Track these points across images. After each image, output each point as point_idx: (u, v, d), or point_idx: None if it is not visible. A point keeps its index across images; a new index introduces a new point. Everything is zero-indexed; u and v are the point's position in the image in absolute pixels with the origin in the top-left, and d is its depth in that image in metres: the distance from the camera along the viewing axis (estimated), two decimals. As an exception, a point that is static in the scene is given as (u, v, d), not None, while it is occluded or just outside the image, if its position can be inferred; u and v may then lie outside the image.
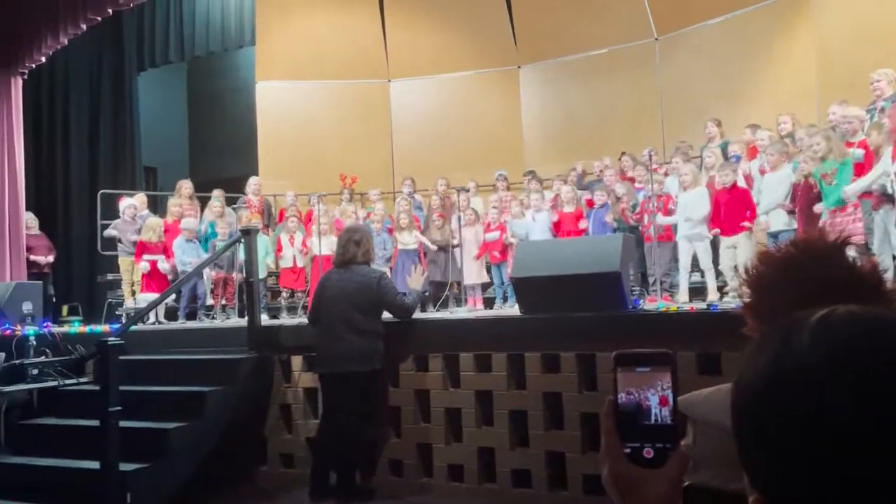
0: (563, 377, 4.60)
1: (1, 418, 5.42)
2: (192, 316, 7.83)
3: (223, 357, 5.57)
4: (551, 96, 10.63)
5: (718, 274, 6.25)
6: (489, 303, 7.66)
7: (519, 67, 10.82)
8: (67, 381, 5.72)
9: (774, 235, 5.83)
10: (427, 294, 5.98)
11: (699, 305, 5.35)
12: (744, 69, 8.71)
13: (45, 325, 6.94)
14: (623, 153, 8.33)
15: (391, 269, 7.77)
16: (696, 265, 6.41)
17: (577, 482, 4.46)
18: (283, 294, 8.29)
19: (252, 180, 9.20)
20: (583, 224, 7.26)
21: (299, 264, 8.05)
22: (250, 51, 11.81)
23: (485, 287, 7.87)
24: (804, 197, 5.63)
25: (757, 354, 0.65)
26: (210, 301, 7.96)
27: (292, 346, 5.43)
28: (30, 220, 9.08)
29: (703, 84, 9.04)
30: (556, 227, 7.42)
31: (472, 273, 7.52)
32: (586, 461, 4.42)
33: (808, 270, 1.00)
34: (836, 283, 0.94)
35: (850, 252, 1.06)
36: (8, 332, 6.62)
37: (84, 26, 8.44)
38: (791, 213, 5.79)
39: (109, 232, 8.39)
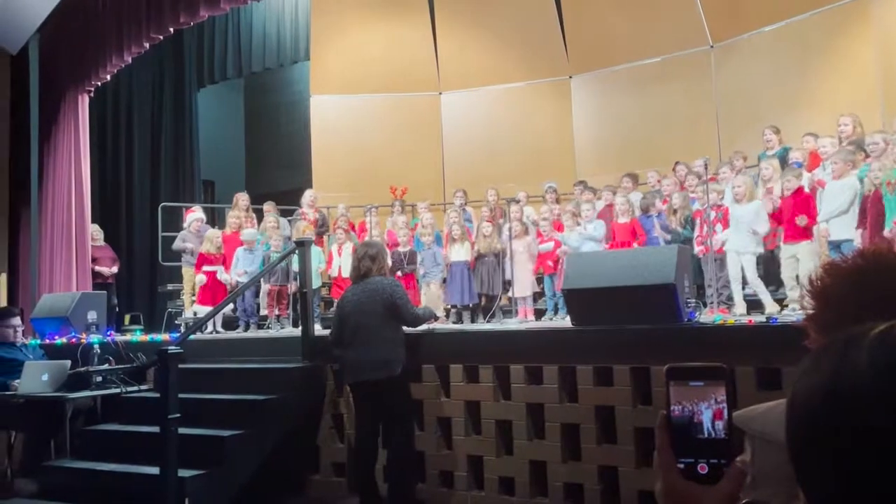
0: (616, 391, 4.52)
1: (66, 424, 5.61)
2: (247, 326, 7.99)
3: (278, 366, 5.67)
4: (603, 106, 10.53)
5: (779, 285, 6.07)
6: (540, 314, 7.61)
7: (570, 77, 10.76)
8: (129, 389, 5.89)
9: (836, 245, 5.64)
10: (438, 318, 6.01)
11: (758, 318, 5.20)
12: (802, 76, 8.48)
13: (108, 333, 7.18)
14: (677, 163, 8.18)
15: (444, 280, 7.79)
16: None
17: (632, 497, 4.38)
18: (335, 304, 8.37)
19: (307, 193, 9.36)
20: (637, 236, 7.15)
21: (344, 275, 8.13)
22: (305, 66, 12.05)
23: (536, 297, 7.82)
24: (874, 207, 5.42)
25: (813, 369, 0.63)
26: (265, 311, 8.11)
27: (345, 356, 5.48)
28: (95, 232, 9.41)
29: (761, 92, 8.83)
30: (611, 239, 7.32)
31: (523, 284, 7.48)
32: (640, 476, 4.34)
33: (875, 283, 0.96)
34: None
35: None
36: (74, 340, 6.87)
37: (147, 45, 8.75)
38: (860, 225, 5.57)
39: (181, 245, 8.55)
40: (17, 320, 6.39)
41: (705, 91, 9.52)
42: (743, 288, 6.19)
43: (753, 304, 6.22)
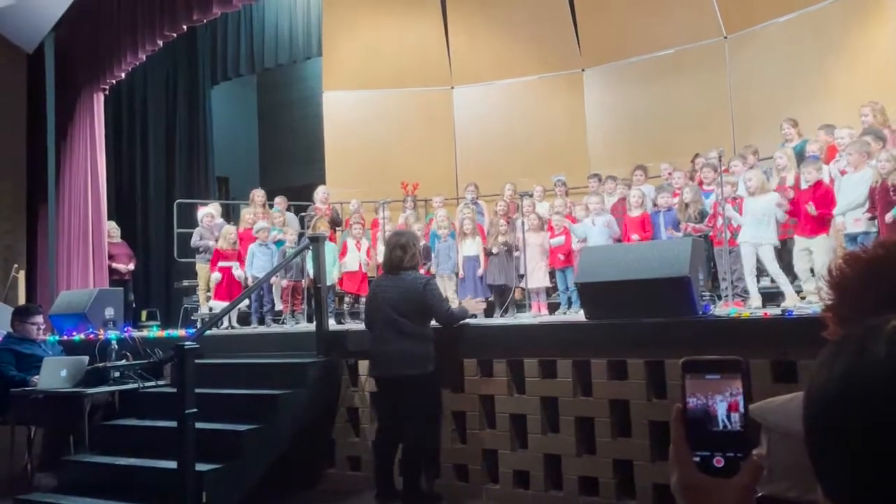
0: (631, 384, 4.52)
1: (85, 419, 5.67)
2: (262, 321, 8.04)
3: (293, 361, 5.70)
4: (616, 99, 10.47)
5: (794, 278, 6.02)
6: (553, 308, 7.60)
7: (583, 71, 10.71)
8: (147, 384, 5.95)
9: (853, 238, 5.58)
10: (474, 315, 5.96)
11: (773, 311, 5.17)
12: (818, 67, 8.38)
13: (125, 329, 7.24)
14: (697, 155, 8.12)
15: (457, 275, 7.80)
16: (763, 271, 6.20)
17: (647, 491, 4.37)
18: (347, 299, 8.42)
19: (320, 189, 9.40)
20: (649, 229, 7.12)
21: (363, 270, 8.16)
22: (317, 62, 12.07)
23: (549, 292, 7.81)
24: (882, 199, 5.37)
25: (831, 361, 0.63)
26: (280, 307, 8.16)
27: (359, 350, 5.51)
28: (112, 229, 9.49)
29: (776, 83, 8.74)
30: (623, 232, 7.30)
31: (537, 278, 7.47)
32: (655, 470, 4.33)
33: (895, 273, 0.96)
34: None
35: None
36: (92, 336, 6.95)
37: (160, 42, 8.81)
38: (872, 216, 5.53)
39: (199, 242, 8.59)
40: (39, 318, 6.48)
41: (719, 83, 9.44)
42: (758, 280, 6.14)
43: (768, 297, 6.18)
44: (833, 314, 1.03)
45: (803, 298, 5.77)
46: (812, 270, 5.74)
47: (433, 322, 5.00)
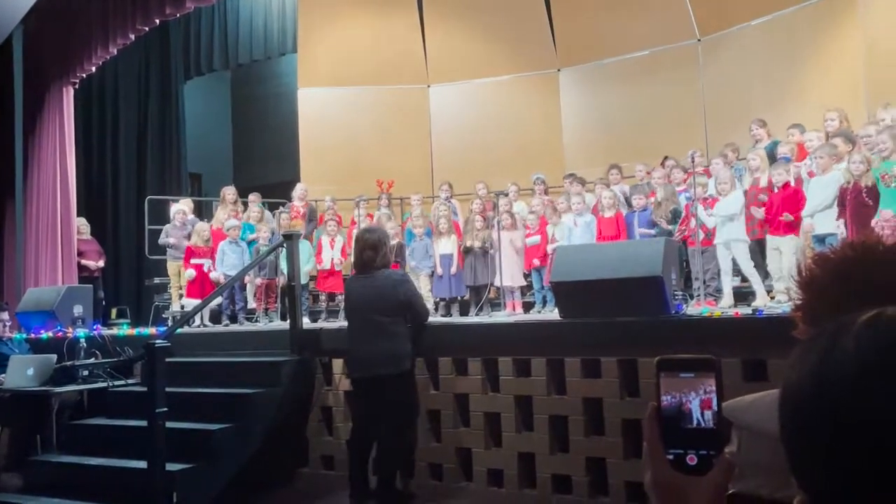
0: (604, 382, 4.55)
1: (53, 418, 5.58)
2: (234, 319, 7.96)
3: (267, 359, 5.66)
4: (591, 99, 10.54)
5: (766, 276, 6.11)
6: (528, 307, 7.62)
7: (558, 71, 10.76)
8: (116, 383, 5.86)
9: (821, 239, 5.68)
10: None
11: (744, 310, 5.24)
12: (789, 70, 8.52)
13: (95, 327, 7.13)
14: (666, 157, 8.20)
15: (434, 273, 7.80)
16: (739, 270, 6.28)
17: (619, 489, 4.41)
18: (322, 297, 8.37)
19: (298, 187, 9.33)
20: (622, 229, 7.17)
21: (336, 268, 8.11)
22: (292, 58, 11.98)
23: (524, 291, 7.84)
24: (853, 199, 5.47)
25: (803, 358, 0.64)
26: (253, 305, 8.08)
27: (333, 349, 5.49)
28: (81, 226, 9.33)
29: (748, 85, 8.87)
30: (597, 232, 7.34)
31: (511, 277, 7.49)
32: (628, 467, 4.37)
33: (864, 273, 0.97)
34: (894, 287, 0.91)
35: None
36: (60, 334, 6.83)
37: (132, 36, 8.68)
38: (840, 216, 5.63)
39: (166, 239, 8.51)
40: (4, 315, 6.36)
41: (693, 85, 9.55)
42: (738, 278, 6.23)
43: (739, 296, 6.26)
44: (803, 314, 1.04)
45: (772, 298, 5.86)
46: (782, 270, 5.83)
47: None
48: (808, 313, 1.02)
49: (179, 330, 5.66)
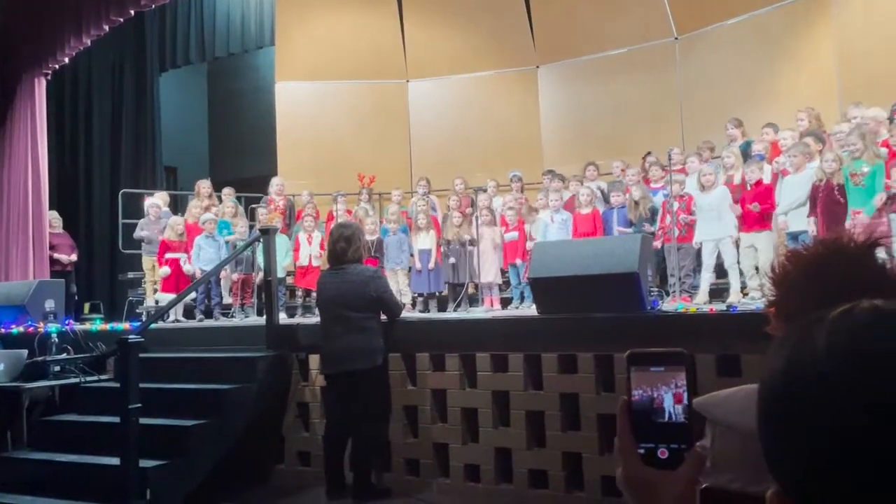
0: (580, 378, 4.58)
1: (23, 414, 5.49)
2: (208, 314, 7.88)
3: (242, 355, 5.61)
4: (570, 96, 10.58)
5: (738, 274, 6.17)
6: (506, 303, 7.64)
7: (537, 67, 10.78)
8: (89, 378, 5.78)
9: (794, 236, 5.76)
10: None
11: (719, 307, 5.30)
12: (765, 69, 8.62)
13: (67, 322, 7.02)
14: (648, 153, 8.25)
15: (411, 269, 7.78)
16: (718, 266, 6.33)
17: (595, 483, 4.44)
18: (299, 293, 8.32)
19: (274, 180, 9.23)
20: (599, 226, 7.20)
21: (314, 264, 8.06)
22: (270, 51, 11.88)
23: (502, 287, 7.85)
24: (825, 197, 5.54)
25: (777, 353, 0.64)
26: (228, 300, 8.01)
27: (310, 344, 5.46)
28: (53, 220, 9.18)
29: (724, 84, 8.96)
30: (573, 229, 7.37)
31: (489, 273, 7.50)
32: (603, 462, 4.40)
33: (836, 270, 0.98)
34: (866, 284, 0.92)
35: (881, 253, 1.04)
36: (31, 329, 6.72)
37: (106, 27, 8.54)
38: (812, 213, 5.70)
39: (141, 233, 8.41)
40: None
41: (670, 82, 9.63)
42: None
43: (715, 293, 6.32)
44: (776, 310, 1.05)
45: (746, 295, 5.92)
46: (756, 268, 5.90)
47: (382, 315, 5.00)
48: (782, 310, 1.03)
49: (153, 325, 5.60)
